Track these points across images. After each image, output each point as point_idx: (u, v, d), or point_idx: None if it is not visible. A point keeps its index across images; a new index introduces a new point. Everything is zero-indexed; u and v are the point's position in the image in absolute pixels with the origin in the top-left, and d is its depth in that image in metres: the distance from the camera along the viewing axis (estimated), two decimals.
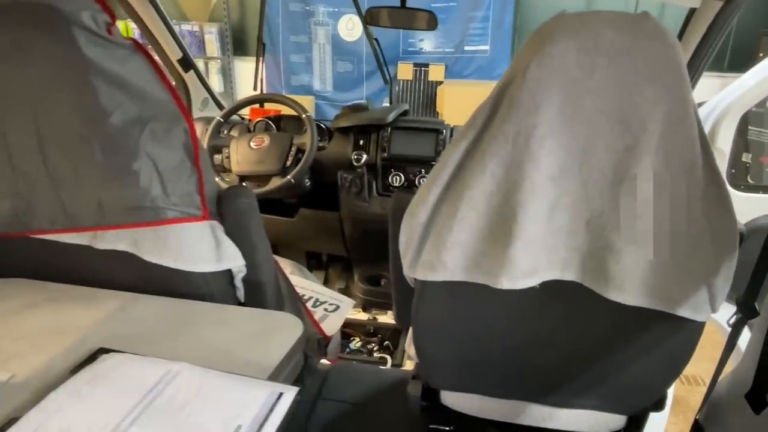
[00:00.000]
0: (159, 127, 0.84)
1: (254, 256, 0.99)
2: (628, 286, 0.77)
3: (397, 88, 4.58)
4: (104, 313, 0.87)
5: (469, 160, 0.80)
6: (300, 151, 1.74)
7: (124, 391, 0.67)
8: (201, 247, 0.91)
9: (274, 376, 0.74)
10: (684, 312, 0.79)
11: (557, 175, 0.75)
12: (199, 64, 4.69)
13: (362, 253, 2.06)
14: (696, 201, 0.74)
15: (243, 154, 1.73)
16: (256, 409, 0.65)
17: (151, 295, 0.92)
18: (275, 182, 1.71)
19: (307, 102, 4.56)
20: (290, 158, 1.73)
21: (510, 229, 0.77)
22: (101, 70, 0.79)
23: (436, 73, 4.52)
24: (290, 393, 0.68)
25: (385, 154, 1.83)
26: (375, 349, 1.98)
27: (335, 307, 1.38)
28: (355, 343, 2.01)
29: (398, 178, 1.84)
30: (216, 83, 4.79)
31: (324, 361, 1.41)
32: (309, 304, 1.38)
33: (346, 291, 2.27)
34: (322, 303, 1.39)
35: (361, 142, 1.85)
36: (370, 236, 1.92)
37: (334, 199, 1.92)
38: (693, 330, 0.84)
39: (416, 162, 1.81)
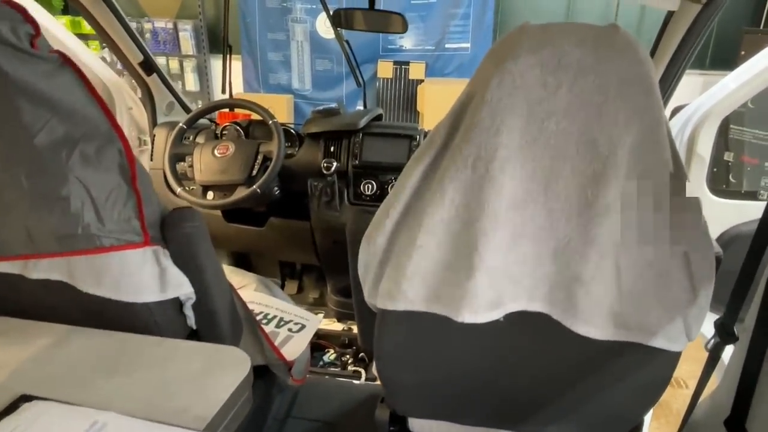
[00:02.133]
0: (90, 148, 0.77)
1: (204, 283, 0.92)
2: (598, 320, 0.73)
3: (377, 86, 4.51)
4: (34, 350, 0.80)
5: (427, 184, 0.74)
6: (267, 159, 1.66)
7: None
8: (142, 276, 0.84)
9: (214, 425, 0.67)
10: (658, 343, 0.75)
11: (520, 202, 0.70)
12: (174, 62, 4.59)
13: (334, 264, 1.98)
14: (668, 228, 0.69)
15: (206, 163, 1.65)
16: None
17: (90, 328, 0.85)
18: (240, 192, 1.63)
19: (285, 101, 4.47)
20: (256, 167, 1.64)
21: (471, 259, 0.72)
22: (23, 87, 0.73)
23: (416, 71, 4.46)
24: None
25: (357, 161, 1.75)
26: (350, 361, 1.92)
27: (300, 327, 1.31)
28: (330, 356, 1.95)
29: (370, 186, 1.76)
30: (191, 82, 4.69)
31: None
32: (272, 324, 1.31)
33: (320, 301, 2.20)
34: (286, 323, 1.32)
35: (332, 149, 1.77)
36: (341, 247, 1.84)
37: (304, 208, 1.84)
38: (668, 359, 0.80)
39: (389, 169, 1.74)
